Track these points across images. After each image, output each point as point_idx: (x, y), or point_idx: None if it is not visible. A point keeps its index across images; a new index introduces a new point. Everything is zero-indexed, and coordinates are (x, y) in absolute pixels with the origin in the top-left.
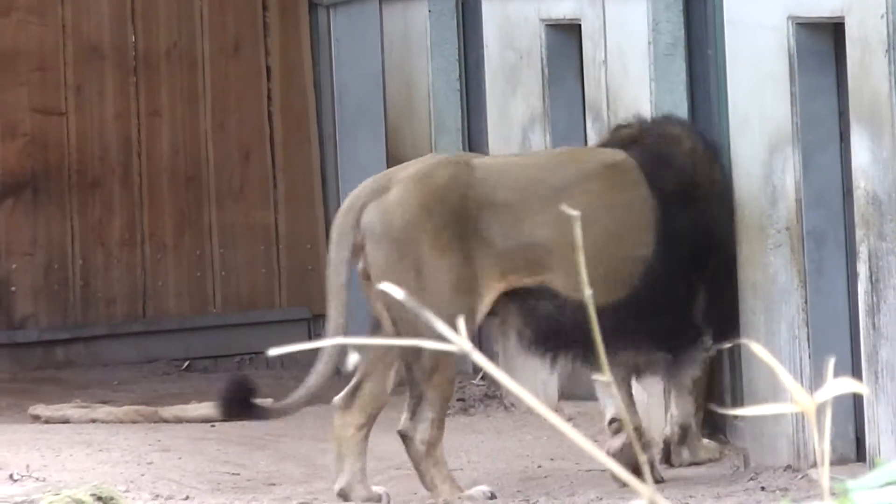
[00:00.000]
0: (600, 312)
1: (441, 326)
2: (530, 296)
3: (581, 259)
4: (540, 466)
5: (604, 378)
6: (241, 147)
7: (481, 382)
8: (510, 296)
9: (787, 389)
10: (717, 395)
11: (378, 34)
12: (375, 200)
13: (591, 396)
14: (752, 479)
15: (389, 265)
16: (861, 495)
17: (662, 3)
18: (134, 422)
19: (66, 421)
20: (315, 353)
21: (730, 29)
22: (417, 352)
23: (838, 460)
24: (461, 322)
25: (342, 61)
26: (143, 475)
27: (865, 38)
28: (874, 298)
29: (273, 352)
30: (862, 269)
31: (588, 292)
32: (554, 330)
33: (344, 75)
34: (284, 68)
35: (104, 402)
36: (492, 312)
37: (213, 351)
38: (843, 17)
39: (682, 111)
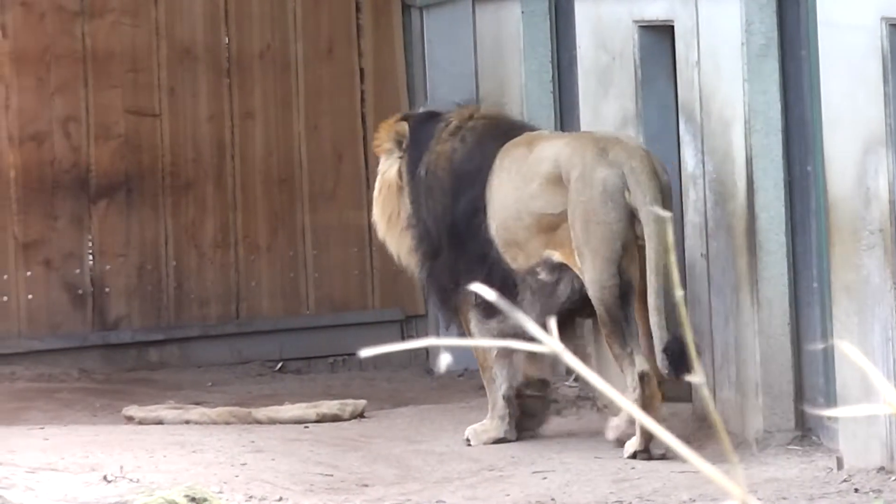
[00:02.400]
0: None
1: (533, 327)
2: None
3: (672, 259)
4: (633, 468)
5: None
6: (334, 148)
7: (574, 384)
8: None
9: (881, 391)
10: (809, 396)
11: (471, 36)
12: None
13: (685, 398)
14: (845, 480)
15: None
16: None
17: (756, 3)
18: (227, 423)
19: (159, 422)
20: (409, 353)
21: (823, 30)
22: None
23: None
24: (552, 323)
25: (435, 63)
26: (236, 476)
27: None
28: None
29: (365, 353)
30: None
31: (680, 293)
32: None
33: (436, 77)
34: (377, 70)
35: (198, 404)
36: None
37: (305, 352)
38: None
39: (774, 112)
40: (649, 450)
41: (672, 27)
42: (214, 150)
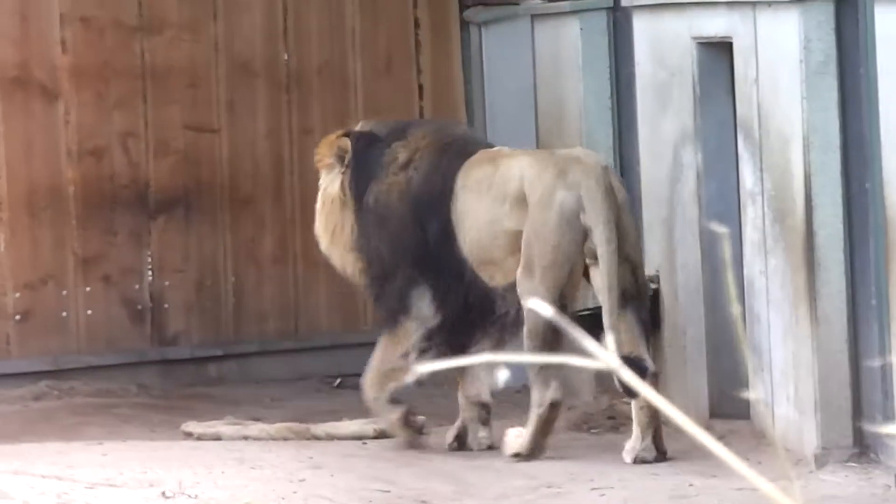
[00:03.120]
0: None
1: (589, 343)
2: None
3: (730, 275)
4: (691, 485)
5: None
6: None
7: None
8: None
9: None
10: (867, 413)
11: (529, 52)
12: None
13: (743, 415)
14: None
15: None
16: None
17: (814, 20)
18: (286, 439)
19: (218, 438)
20: (461, 370)
21: (882, 46)
22: None
23: None
24: (609, 338)
25: (493, 79)
26: (294, 492)
27: None
28: None
29: (421, 368)
30: None
31: (736, 310)
32: None
33: (495, 93)
34: (436, 86)
35: (256, 419)
36: None
37: (363, 368)
38: None
39: (833, 129)
40: (533, 456)
41: (731, 44)
42: (273, 165)
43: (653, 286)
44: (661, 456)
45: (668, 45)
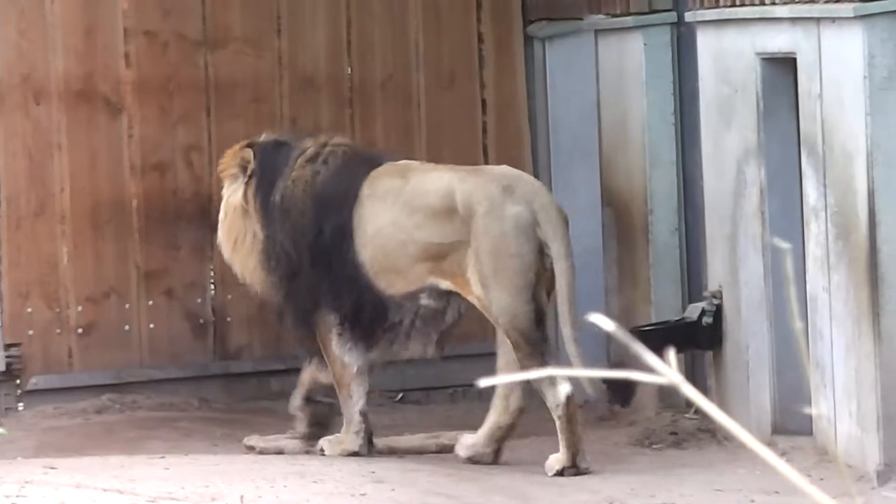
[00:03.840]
0: None
1: (648, 355)
2: None
3: (793, 291)
4: (752, 501)
5: None
6: None
7: (694, 416)
8: None
9: None
10: None
11: (593, 67)
12: None
13: (805, 431)
14: None
15: None
16: None
17: (878, 37)
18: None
19: (280, 452)
20: (527, 384)
21: None
22: None
23: None
24: (671, 354)
25: (557, 93)
26: None
27: None
28: None
29: (484, 383)
30: None
31: (799, 326)
32: None
33: (558, 107)
34: (499, 100)
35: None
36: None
37: (426, 383)
38: None
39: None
40: (577, 465)
41: (794, 59)
42: None
43: (715, 302)
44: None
45: (731, 61)
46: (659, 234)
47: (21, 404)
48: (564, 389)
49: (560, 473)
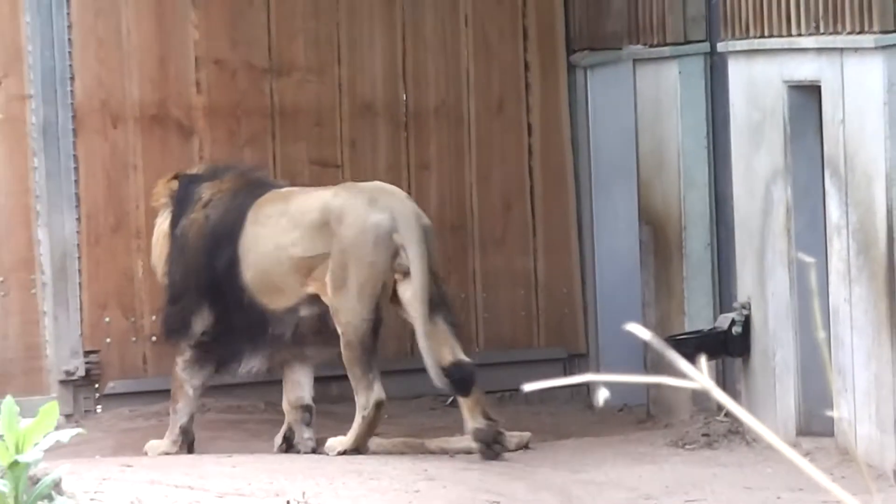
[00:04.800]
0: None
1: (681, 362)
2: None
3: (817, 303)
4: (779, 498)
5: None
6: (503, 198)
7: (725, 419)
8: None
9: None
10: None
11: (631, 94)
12: None
13: (828, 433)
14: None
15: None
16: None
17: None
18: (402, 452)
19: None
20: (570, 389)
21: None
22: None
23: None
24: (703, 361)
25: (598, 119)
26: (410, 502)
27: None
28: None
29: (528, 387)
30: None
31: (822, 335)
32: None
33: (599, 132)
34: (544, 125)
35: (375, 434)
36: None
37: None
38: None
39: None
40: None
41: (819, 87)
42: None
43: (745, 312)
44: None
45: (760, 88)
46: (693, 250)
47: (99, 407)
48: (378, 395)
49: (343, 453)
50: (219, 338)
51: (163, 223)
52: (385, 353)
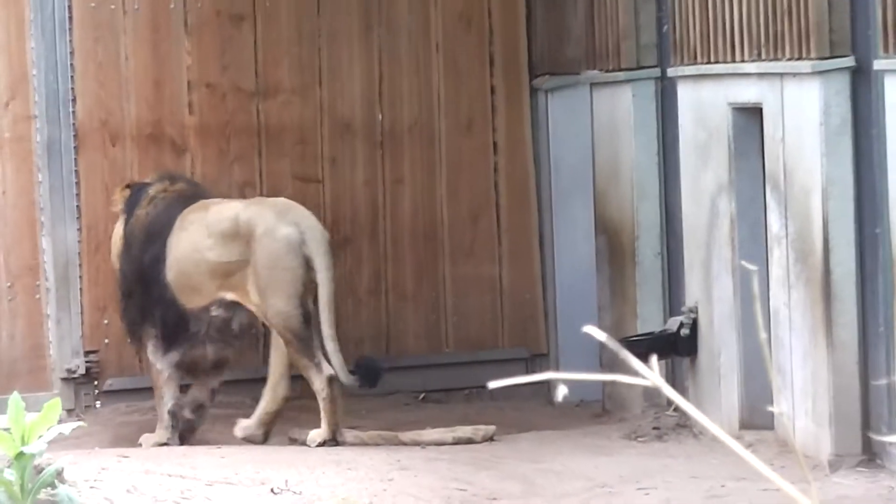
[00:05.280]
0: None
1: (634, 361)
2: None
3: (759, 307)
4: (723, 486)
5: None
6: (471, 210)
7: (674, 413)
8: None
9: None
10: (874, 425)
11: (589, 115)
12: None
13: (768, 426)
14: None
15: None
16: None
17: (833, 89)
18: (377, 444)
19: (304, 444)
20: (532, 386)
21: (890, 112)
22: None
23: None
24: (654, 360)
25: (558, 138)
26: (384, 490)
27: None
28: None
29: (494, 384)
30: None
31: (763, 336)
32: None
33: (559, 150)
34: (509, 144)
35: (353, 428)
36: None
37: (445, 384)
38: None
39: (848, 182)
40: (335, 439)
41: (761, 109)
42: (369, 210)
43: (692, 315)
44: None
45: (707, 110)
46: (644, 258)
47: (98, 402)
48: (327, 372)
49: (322, 445)
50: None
51: (118, 227)
52: (362, 353)
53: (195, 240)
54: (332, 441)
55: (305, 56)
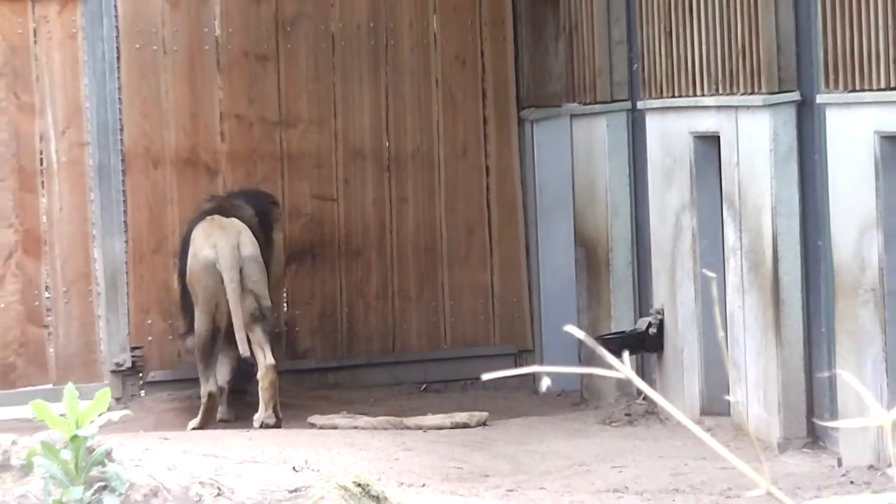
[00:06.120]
0: None
1: (608, 356)
2: None
3: (717, 310)
4: (686, 464)
5: None
6: (466, 225)
7: (643, 402)
8: None
9: (871, 409)
10: (817, 412)
11: (569, 142)
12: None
13: (725, 413)
14: (843, 475)
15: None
16: None
17: (781, 120)
18: (385, 429)
19: (335, 427)
20: (519, 378)
21: (831, 140)
22: None
23: None
24: (626, 355)
25: (542, 162)
26: (391, 468)
27: None
28: None
29: (486, 377)
30: None
31: (721, 335)
32: None
33: (543, 173)
34: (499, 167)
35: (363, 414)
36: None
37: (444, 377)
38: None
39: (794, 201)
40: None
41: (719, 137)
42: (377, 226)
43: (659, 317)
44: (279, 422)
45: (672, 138)
46: (617, 267)
47: (143, 392)
48: (210, 390)
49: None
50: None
51: None
52: (371, 349)
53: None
54: (273, 419)
55: (322, 91)
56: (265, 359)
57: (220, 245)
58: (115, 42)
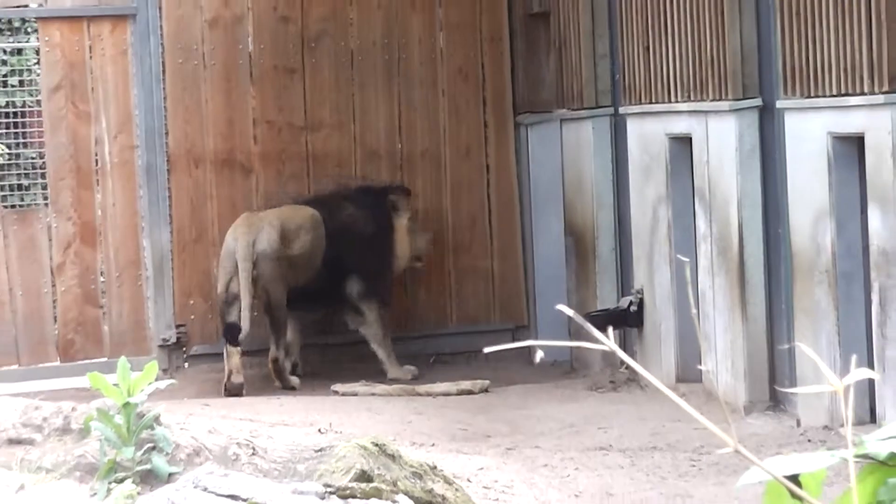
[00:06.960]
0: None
1: (594, 331)
2: None
3: (690, 290)
4: (664, 426)
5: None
6: (469, 217)
7: (625, 371)
8: None
9: (825, 376)
10: (779, 380)
11: (559, 142)
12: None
13: (698, 380)
14: (802, 434)
15: None
16: (872, 444)
17: (745, 122)
18: (399, 395)
19: (355, 394)
20: (516, 350)
21: (790, 140)
22: None
23: (858, 423)
24: (610, 330)
25: (535, 161)
26: (404, 430)
27: (878, 147)
28: (882, 317)
29: (487, 350)
30: (874, 297)
31: (694, 312)
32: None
33: (537, 170)
34: (498, 165)
35: (379, 382)
36: None
37: (450, 349)
38: (863, 133)
39: (757, 194)
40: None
41: (691, 139)
42: None
43: (639, 296)
44: (241, 387)
45: (649, 139)
46: (602, 253)
47: (186, 364)
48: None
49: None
50: None
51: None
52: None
53: None
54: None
55: (342, 100)
56: (276, 349)
57: (240, 238)
58: (161, 57)
